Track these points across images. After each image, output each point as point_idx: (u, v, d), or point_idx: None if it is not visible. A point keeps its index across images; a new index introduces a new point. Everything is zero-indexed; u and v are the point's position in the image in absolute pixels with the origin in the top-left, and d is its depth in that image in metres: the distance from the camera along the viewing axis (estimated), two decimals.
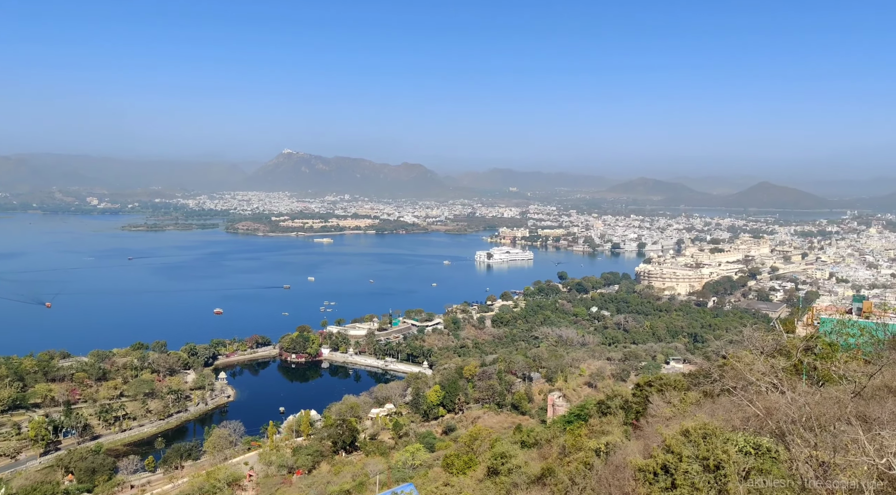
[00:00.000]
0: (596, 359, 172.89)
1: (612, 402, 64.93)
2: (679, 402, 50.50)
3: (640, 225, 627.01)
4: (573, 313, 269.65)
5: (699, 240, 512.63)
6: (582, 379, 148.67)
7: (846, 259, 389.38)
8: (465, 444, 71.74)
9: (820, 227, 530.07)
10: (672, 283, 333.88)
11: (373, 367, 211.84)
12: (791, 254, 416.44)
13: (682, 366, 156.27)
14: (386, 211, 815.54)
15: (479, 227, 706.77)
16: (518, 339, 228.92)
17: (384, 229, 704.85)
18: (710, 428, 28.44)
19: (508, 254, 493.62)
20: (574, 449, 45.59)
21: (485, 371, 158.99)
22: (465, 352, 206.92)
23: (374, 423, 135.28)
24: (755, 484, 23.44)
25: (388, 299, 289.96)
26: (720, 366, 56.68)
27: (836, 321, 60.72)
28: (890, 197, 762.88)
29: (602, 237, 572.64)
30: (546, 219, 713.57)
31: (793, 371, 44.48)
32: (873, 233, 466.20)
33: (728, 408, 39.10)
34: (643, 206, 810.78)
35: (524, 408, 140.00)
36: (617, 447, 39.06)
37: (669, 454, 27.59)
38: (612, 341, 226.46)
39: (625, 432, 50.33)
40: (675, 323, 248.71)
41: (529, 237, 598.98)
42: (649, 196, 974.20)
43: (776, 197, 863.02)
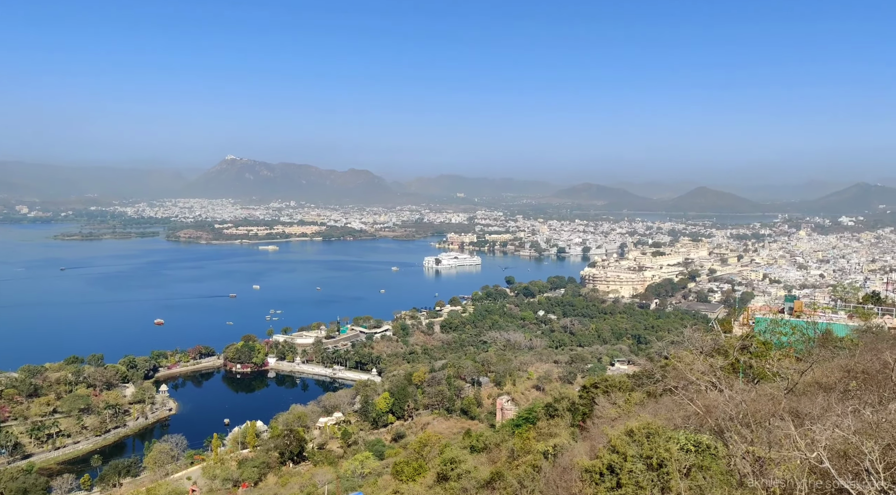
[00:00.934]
0: (543, 362, 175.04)
1: (560, 405, 65.92)
2: (624, 403, 51.62)
3: (585, 229, 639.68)
4: (521, 317, 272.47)
5: (641, 243, 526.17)
6: (530, 383, 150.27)
7: (778, 260, 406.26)
8: (414, 451, 71.43)
9: (754, 230, 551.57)
10: (616, 286, 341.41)
11: (321, 376, 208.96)
12: (728, 257, 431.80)
13: (626, 367, 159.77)
14: (333, 217, 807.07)
15: (428, 233, 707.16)
16: (467, 344, 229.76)
17: (331, 236, 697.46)
18: (654, 428, 29.13)
19: (457, 259, 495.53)
20: (522, 453, 46.05)
21: (434, 377, 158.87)
22: (415, 359, 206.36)
23: (323, 433, 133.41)
24: (696, 480, 24.11)
25: (336, 306, 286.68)
26: (662, 367, 58.30)
27: (770, 320, 63.20)
28: (818, 201, 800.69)
29: (548, 241, 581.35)
30: (493, 224, 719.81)
31: (730, 369, 46.04)
32: (803, 236, 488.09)
33: (670, 407, 40.17)
34: (587, 211, 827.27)
35: (473, 413, 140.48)
36: (564, 449, 39.62)
37: (615, 454, 28.12)
38: (559, 344, 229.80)
39: (572, 434, 51.11)
40: (620, 325, 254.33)
41: (477, 242, 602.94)
42: (593, 201, 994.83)
43: (713, 201, 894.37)
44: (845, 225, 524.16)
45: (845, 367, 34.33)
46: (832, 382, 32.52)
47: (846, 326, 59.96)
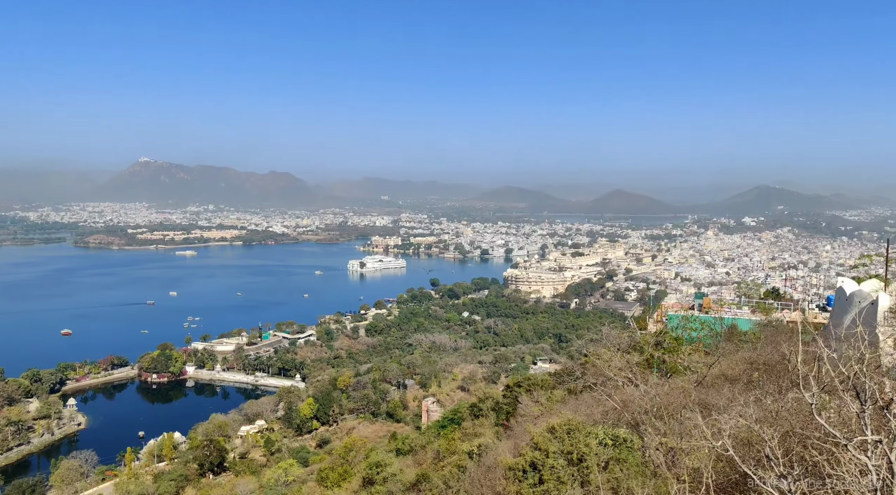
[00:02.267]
0: (468, 363, 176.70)
1: (484, 405, 66.64)
2: (546, 401, 52.80)
3: (508, 231, 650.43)
4: (446, 319, 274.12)
5: (561, 244, 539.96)
6: (455, 384, 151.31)
7: (689, 260, 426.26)
8: (339, 456, 70.60)
9: (666, 231, 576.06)
10: (538, 287, 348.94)
11: (242, 383, 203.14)
12: (642, 257, 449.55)
13: (548, 365, 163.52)
14: (253, 221, 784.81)
15: (352, 236, 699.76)
16: (392, 347, 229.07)
17: (252, 240, 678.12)
18: (574, 424, 29.98)
19: (381, 262, 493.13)
20: (448, 453, 46.33)
21: (359, 381, 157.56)
22: (340, 363, 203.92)
23: (245, 441, 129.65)
24: (613, 473, 24.99)
25: (258, 312, 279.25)
26: (582, 364, 60.04)
27: (681, 317, 66.20)
28: (724, 202, 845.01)
29: (472, 243, 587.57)
30: (418, 227, 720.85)
31: (645, 365, 47.94)
32: (711, 236, 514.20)
33: (590, 403, 41.41)
34: (510, 213, 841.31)
35: (399, 416, 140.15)
36: (489, 448, 40.17)
37: (537, 451, 28.77)
38: (484, 345, 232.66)
39: (496, 433, 51.83)
40: (542, 324, 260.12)
41: (402, 245, 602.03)
42: (515, 203, 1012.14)
43: (629, 203, 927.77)
44: (748, 225, 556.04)
45: (749, 359, 36.39)
46: (737, 374, 34.42)
47: (749, 321, 63.52)
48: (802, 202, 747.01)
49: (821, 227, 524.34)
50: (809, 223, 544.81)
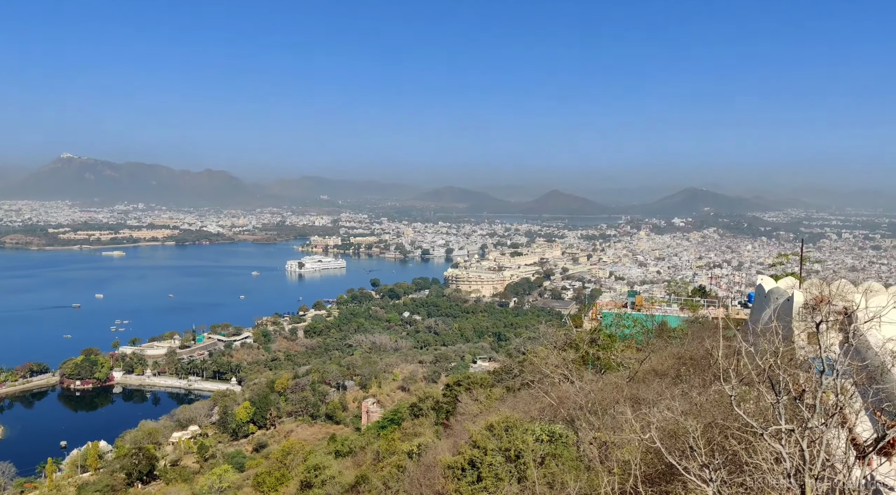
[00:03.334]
0: (409, 363, 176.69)
1: (424, 404, 66.90)
2: (485, 399, 53.44)
3: (448, 231, 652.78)
4: (386, 319, 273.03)
5: (501, 244, 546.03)
6: (395, 384, 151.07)
7: (622, 259, 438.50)
8: (277, 460, 69.37)
9: (601, 231, 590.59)
10: (478, 286, 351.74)
11: (174, 388, 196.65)
12: (578, 256, 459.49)
13: (488, 364, 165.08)
14: (187, 220, 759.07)
15: (290, 236, 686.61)
16: (332, 348, 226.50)
17: (185, 240, 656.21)
18: (512, 421, 30.52)
19: (321, 262, 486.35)
20: (388, 454, 46.29)
21: (298, 383, 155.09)
22: (277, 365, 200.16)
23: (177, 448, 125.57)
24: (549, 468, 25.60)
25: (192, 314, 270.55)
26: (520, 362, 61.09)
27: (615, 315, 68.27)
28: (656, 204, 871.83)
29: (412, 244, 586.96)
30: (358, 226, 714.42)
31: (581, 362, 49.17)
32: (643, 236, 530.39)
33: (527, 400, 42.18)
34: (450, 214, 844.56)
35: (339, 418, 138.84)
36: (428, 447, 40.37)
37: (476, 449, 29.15)
38: (424, 344, 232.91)
39: (436, 432, 52.12)
40: (482, 323, 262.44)
41: (342, 245, 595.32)
42: (455, 204, 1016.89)
43: (565, 204, 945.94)
44: (677, 226, 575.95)
45: (677, 355, 37.86)
46: (666, 369, 35.78)
47: (678, 318, 65.94)
48: (727, 204, 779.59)
49: (743, 228, 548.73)
50: (733, 224, 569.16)
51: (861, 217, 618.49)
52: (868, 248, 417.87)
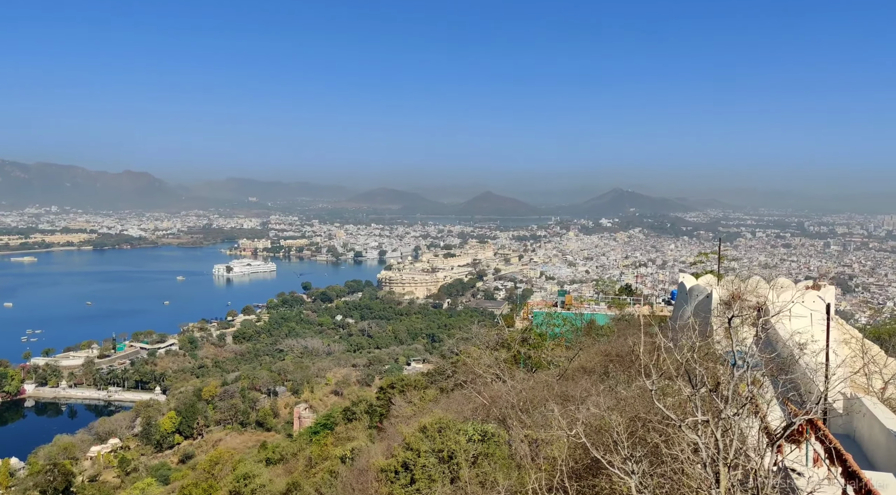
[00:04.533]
0: (342, 367, 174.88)
1: (358, 408, 66.36)
2: (419, 401, 53.52)
3: (381, 233, 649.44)
4: (318, 323, 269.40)
5: (434, 246, 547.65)
6: (328, 388, 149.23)
7: (553, 259, 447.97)
8: (204, 471, 67.20)
9: (532, 232, 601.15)
10: (411, 288, 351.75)
11: (93, 400, 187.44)
12: (510, 257, 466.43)
13: (421, 365, 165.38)
14: (106, 224, 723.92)
15: (217, 239, 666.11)
16: (262, 354, 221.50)
17: (104, 244, 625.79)
18: (445, 422, 30.70)
19: (250, 266, 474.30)
20: (320, 460, 45.67)
21: (227, 390, 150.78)
22: (205, 373, 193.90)
23: (96, 463, 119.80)
24: (482, 467, 25.89)
25: (112, 322, 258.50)
26: (453, 363, 61.46)
27: (546, 314, 69.74)
28: (584, 205, 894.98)
29: (345, 246, 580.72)
30: (289, 229, 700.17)
31: (512, 361, 49.95)
32: (572, 237, 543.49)
33: (460, 401, 42.49)
34: (383, 215, 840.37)
35: (270, 424, 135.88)
36: (362, 451, 40.10)
37: (409, 451, 29.16)
38: (358, 347, 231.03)
39: (370, 435, 51.82)
40: (415, 325, 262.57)
41: (272, 248, 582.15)
42: (388, 205, 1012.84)
43: (497, 205, 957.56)
44: (605, 226, 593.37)
45: (604, 352, 39.01)
46: (594, 366, 36.82)
47: (606, 316, 67.98)
48: (651, 204, 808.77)
49: (666, 228, 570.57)
50: (657, 224, 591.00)
51: (773, 217, 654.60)
52: (780, 246, 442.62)
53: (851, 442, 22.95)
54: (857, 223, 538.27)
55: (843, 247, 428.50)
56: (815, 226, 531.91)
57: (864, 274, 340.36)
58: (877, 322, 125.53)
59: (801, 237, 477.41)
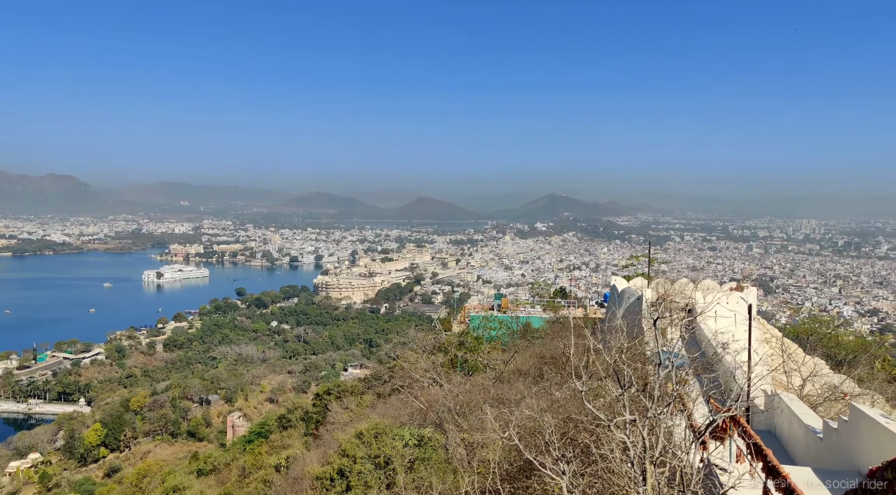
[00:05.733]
0: (277, 374, 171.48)
1: (293, 415, 65.11)
2: (356, 406, 52.97)
3: (318, 238, 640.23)
4: (253, 329, 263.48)
5: (371, 250, 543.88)
6: (263, 396, 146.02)
7: (489, 263, 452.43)
8: (131, 484, 64.47)
9: (469, 236, 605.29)
10: (348, 293, 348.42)
11: (11, 413, 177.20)
12: (448, 261, 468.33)
13: (359, 371, 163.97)
14: (26, 229, 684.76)
15: (147, 245, 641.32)
16: (195, 362, 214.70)
17: (25, 250, 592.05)
18: (381, 427, 30.44)
19: (181, 272, 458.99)
20: (254, 469, 44.51)
21: (156, 400, 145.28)
22: (133, 382, 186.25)
23: (14, 479, 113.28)
24: (419, 472, 25.78)
25: (32, 331, 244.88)
26: (391, 368, 61.17)
27: (482, 317, 70.25)
28: (520, 209, 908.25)
29: (280, 251, 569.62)
30: (222, 234, 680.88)
31: (449, 364, 50.11)
32: (508, 241, 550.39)
33: (397, 406, 42.30)
34: (319, 220, 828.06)
35: (202, 434, 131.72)
36: (297, 459, 39.32)
37: (345, 457, 28.76)
38: (293, 354, 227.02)
39: (305, 443, 50.89)
40: (352, 330, 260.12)
41: (205, 253, 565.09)
42: (325, 210, 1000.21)
43: (434, 209, 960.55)
44: (540, 230, 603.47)
45: (539, 354, 39.59)
46: (529, 368, 37.32)
47: (541, 318, 69.12)
48: (584, 209, 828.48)
49: (599, 232, 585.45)
50: (590, 228, 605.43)
51: (700, 221, 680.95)
52: (706, 249, 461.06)
53: (773, 437, 24.01)
54: (777, 227, 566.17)
55: (765, 250, 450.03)
56: (738, 230, 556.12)
57: (784, 275, 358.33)
58: (795, 321, 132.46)
59: (725, 240, 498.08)
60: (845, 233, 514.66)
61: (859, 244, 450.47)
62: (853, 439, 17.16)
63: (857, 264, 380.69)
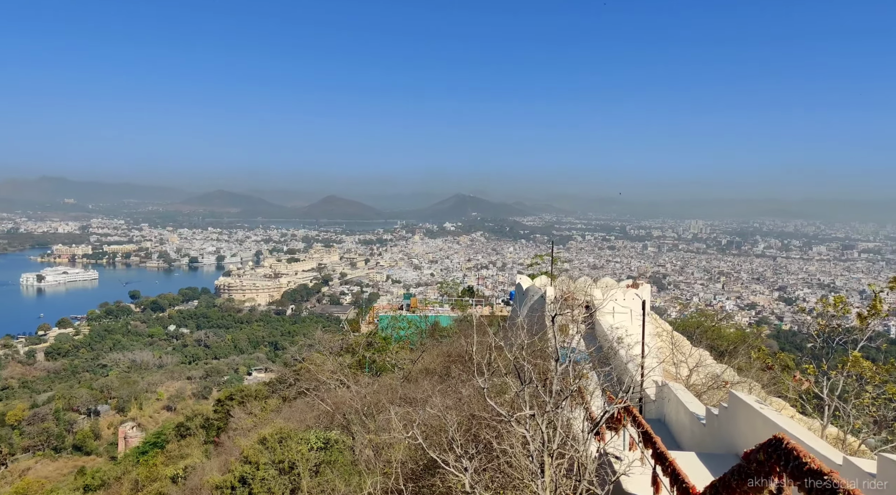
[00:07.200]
0: (176, 380, 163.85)
1: (192, 423, 62.53)
2: (260, 411, 51.53)
3: (219, 237, 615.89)
4: (149, 334, 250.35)
5: (277, 250, 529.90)
6: (160, 404, 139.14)
7: (399, 263, 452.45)
8: None
9: (378, 236, 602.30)
10: (252, 295, 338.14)
11: None
12: (357, 261, 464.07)
13: (263, 375, 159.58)
14: None
15: (26, 245, 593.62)
16: (82, 371, 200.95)
17: None
18: (286, 432, 29.77)
19: (66, 274, 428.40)
20: (148, 481, 42.33)
21: (37, 413, 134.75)
22: (10, 395, 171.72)
23: None
24: (325, 475, 25.43)
25: None
26: (296, 371, 59.90)
27: (391, 317, 70.22)
28: (428, 209, 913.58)
29: (179, 251, 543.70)
30: (113, 233, 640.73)
31: (357, 366, 49.74)
32: (417, 240, 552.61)
33: (303, 409, 41.54)
34: (221, 219, 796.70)
35: (90, 448, 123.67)
36: (196, 469, 37.73)
37: (247, 464, 27.91)
38: (193, 359, 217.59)
39: (205, 451, 48.95)
40: (257, 333, 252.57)
41: (94, 254, 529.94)
42: (227, 209, 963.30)
43: (343, 209, 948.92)
44: (449, 230, 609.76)
45: (446, 353, 40.04)
46: (436, 367, 37.66)
47: (449, 317, 69.92)
48: (492, 209, 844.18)
49: (506, 232, 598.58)
50: (497, 228, 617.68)
51: (600, 221, 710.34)
52: (605, 248, 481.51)
53: (662, 425, 25.46)
54: (669, 227, 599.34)
55: (658, 249, 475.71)
56: (635, 230, 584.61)
57: (675, 272, 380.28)
58: (684, 316, 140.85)
59: (623, 240, 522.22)
60: (728, 232, 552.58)
61: (740, 243, 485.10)
62: (732, 424, 18.50)
63: (737, 261, 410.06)
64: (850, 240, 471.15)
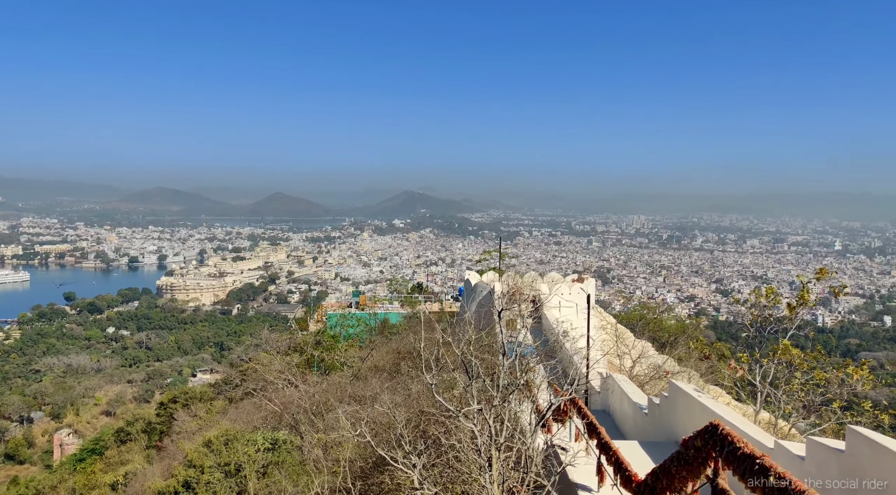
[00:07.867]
0: (115, 384, 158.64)
1: (133, 427, 60.72)
2: (205, 414, 50.40)
3: (161, 236, 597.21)
4: (86, 337, 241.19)
5: (222, 249, 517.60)
6: (98, 409, 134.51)
7: (347, 260, 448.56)
8: None
9: (326, 233, 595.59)
10: (196, 294, 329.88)
11: None
12: (304, 259, 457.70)
13: (209, 376, 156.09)
14: None
15: None
16: (12, 377, 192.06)
17: None
18: (232, 434, 29.22)
19: None
20: (86, 490, 40.90)
21: None
22: None
23: None
24: (272, 477, 25.10)
25: None
26: (243, 371, 58.80)
27: (340, 315, 69.70)
28: (377, 206, 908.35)
29: (118, 251, 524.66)
30: (46, 233, 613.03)
31: (305, 365, 49.23)
32: (366, 237, 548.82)
33: (250, 410, 40.85)
34: (162, 217, 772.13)
35: (23, 457, 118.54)
36: (137, 475, 36.67)
37: (191, 468, 27.28)
38: (134, 362, 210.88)
39: (147, 456, 47.64)
40: (202, 334, 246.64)
41: (24, 255, 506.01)
42: (168, 206, 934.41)
43: (290, 206, 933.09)
44: (398, 227, 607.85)
45: (396, 350, 40.04)
46: (386, 364, 37.61)
47: (399, 314, 69.82)
48: (440, 206, 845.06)
49: (454, 228, 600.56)
50: (446, 224, 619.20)
51: (546, 217, 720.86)
52: (552, 244, 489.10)
53: (607, 415, 26.13)
54: (612, 222, 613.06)
55: (603, 244, 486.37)
56: (580, 225, 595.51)
57: (619, 267, 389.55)
58: (628, 309, 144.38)
59: (569, 235, 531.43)
60: (669, 227, 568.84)
61: (680, 237, 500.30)
62: (672, 412, 19.14)
63: (678, 255, 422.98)
64: (780, 233, 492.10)
